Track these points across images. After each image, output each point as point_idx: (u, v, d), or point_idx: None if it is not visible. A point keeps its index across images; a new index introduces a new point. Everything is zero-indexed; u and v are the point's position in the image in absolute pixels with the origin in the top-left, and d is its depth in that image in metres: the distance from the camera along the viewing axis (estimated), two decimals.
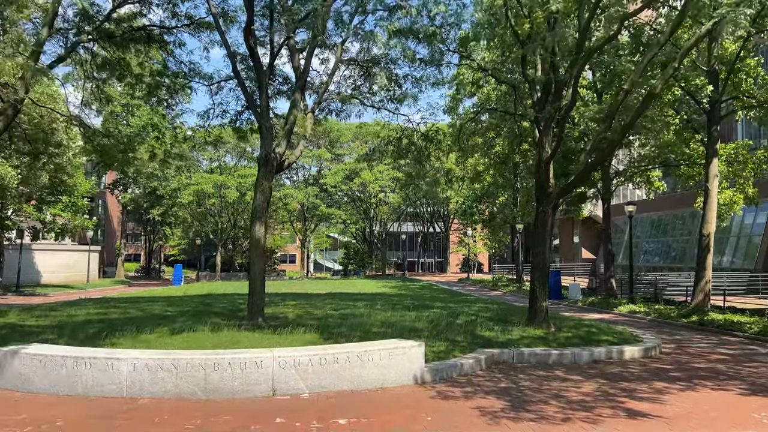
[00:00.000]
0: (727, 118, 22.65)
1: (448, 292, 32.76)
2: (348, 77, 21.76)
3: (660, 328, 18.08)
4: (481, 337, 12.65)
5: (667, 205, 41.76)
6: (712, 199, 20.33)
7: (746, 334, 15.62)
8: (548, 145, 13.94)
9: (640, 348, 12.44)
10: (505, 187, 39.35)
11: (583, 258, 52.80)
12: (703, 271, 20.25)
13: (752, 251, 32.22)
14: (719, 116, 20.50)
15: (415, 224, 76.36)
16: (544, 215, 14.17)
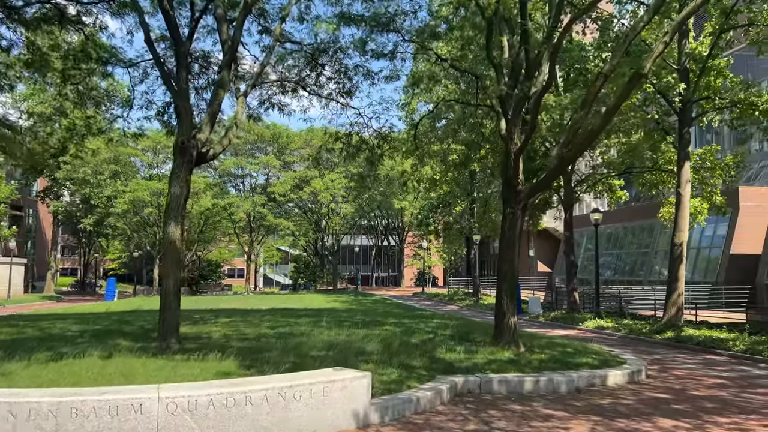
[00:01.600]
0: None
1: (402, 306, 30.70)
2: (292, 67, 19.65)
3: (635, 345, 16.41)
4: (441, 360, 10.55)
5: (624, 218, 40.94)
6: (685, 206, 18.95)
7: (731, 352, 14.06)
8: (517, 136, 12.07)
9: (625, 372, 10.59)
10: (462, 197, 37.71)
11: (539, 271, 51.72)
12: (675, 282, 18.79)
13: (713, 264, 31.39)
14: (691, 117, 19.23)
15: (369, 237, 74.20)
16: (513, 217, 12.26)
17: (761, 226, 29.12)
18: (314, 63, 19.22)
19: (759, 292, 27.72)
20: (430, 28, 17.58)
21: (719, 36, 18.52)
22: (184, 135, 11.34)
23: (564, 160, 11.62)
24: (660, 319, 19.12)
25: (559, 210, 28.65)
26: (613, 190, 27.22)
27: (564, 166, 11.97)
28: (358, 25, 18.25)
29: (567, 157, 11.61)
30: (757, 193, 30.57)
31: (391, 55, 18.54)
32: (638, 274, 37.59)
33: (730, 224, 30.46)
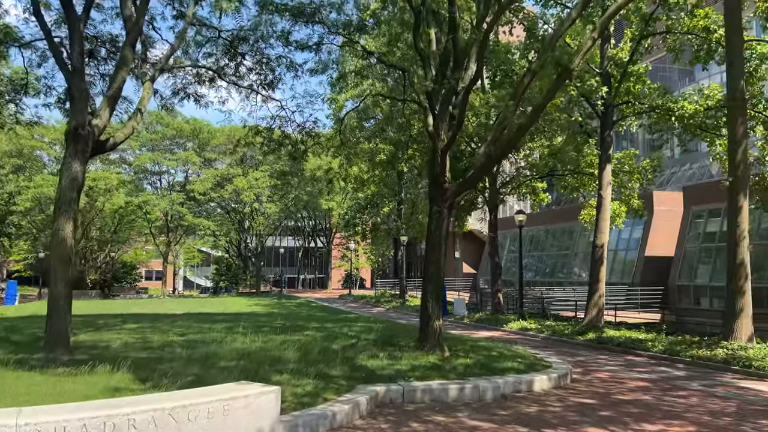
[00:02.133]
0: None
1: (328, 309, 29.86)
2: (209, 55, 18.46)
3: (558, 347, 16.37)
4: (362, 368, 9.86)
5: (546, 221, 41.89)
6: (606, 208, 19.23)
7: (651, 353, 14.18)
8: (444, 132, 11.58)
9: (551, 376, 10.29)
10: (389, 197, 37.30)
11: (464, 273, 52.17)
12: (596, 284, 19.01)
13: (629, 266, 32.48)
14: (612, 120, 19.55)
15: (296, 239, 72.69)
16: (440, 216, 11.76)
17: (673, 229, 30.37)
18: (233, 52, 18.15)
19: (671, 292, 28.85)
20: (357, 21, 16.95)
21: (639, 42, 18.91)
22: (77, 120, 10.09)
23: (491, 158, 11.25)
24: (581, 320, 19.29)
25: (484, 211, 28.72)
26: (536, 193, 27.53)
27: (491, 164, 11.60)
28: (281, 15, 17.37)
29: (494, 155, 11.24)
30: (670, 198, 31.90)
31: (317, 47, 17.77)
32: (559, 275, 38.49)
33: (645, 227, 31.62)
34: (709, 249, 27.68)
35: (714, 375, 11.61)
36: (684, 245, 28.86)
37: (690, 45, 19.00)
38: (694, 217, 28.89)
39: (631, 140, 41.62)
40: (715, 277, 26.71)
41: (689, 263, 28.54)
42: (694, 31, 18.13)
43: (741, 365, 11.75)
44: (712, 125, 19.22)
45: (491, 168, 11.78)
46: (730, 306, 13.55)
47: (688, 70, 39.03)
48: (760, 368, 11.32)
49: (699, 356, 12.87)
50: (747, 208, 13.57)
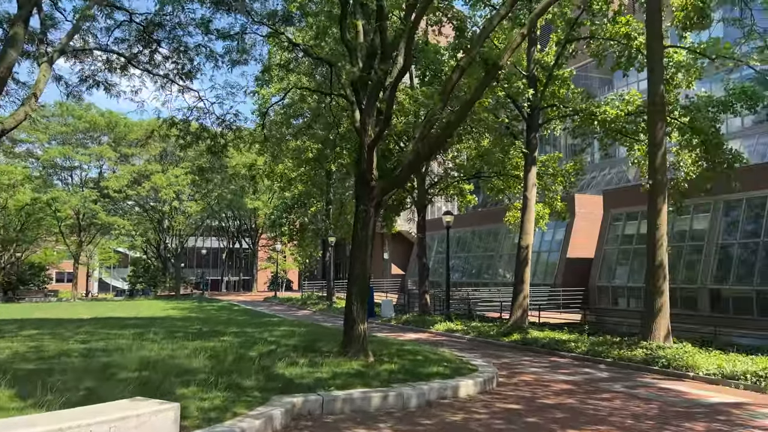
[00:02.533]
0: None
1: (251, 313, 28.77)
2: (122, 41, 17.20)
3: (484, 349, 16.24)
4: (279, 377, 9.19)
5: (473, 222, 42.36)
6: (531, 210, 19.38)
7: (574, 354, 14.25)
8: (372, 128, 11.09)
9: (477, 381, 9.98)
10: (318, 197, 36.50)
11: (392, 274, 52.05)
12: (521, 285, 19.11)
13: (551, 267, 33.22)
14: (538, 123, 19.75)
15: (220, 239, 70.34)
16: (366, 214, 11.25)
17: (593, 231, 31.29)
18: (148, 38, 16.99)
19: (591, 293, 29.67)
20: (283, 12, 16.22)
21: (564, 47, 19.21)
22: None
23: (420, 155, 10.85)
24: (507, 321, 19.34)
25: (413, 212, 28.54)
26: (463, 194, 27.61)
27: (420, 161, 11.22)
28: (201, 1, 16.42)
29: (423, 153, 10.86)
30: (590, 201, 32.89)
31: (239, 36, 16.91)
32: (485, 276, 38.95)
33: (567, 230, 32.42)
34: (626, 251, 28.67)
35: (635, 375, 11.70)
36: (603, 247, 29.78)
37: (612, 51, 19.47)
38: (612, 220, 29.86)
39: (554, 145, 42.78)
40: (633, 278, 27.69)
41: (608, 265, 29.47)
42: (615, 37, 18.58)
43: (660, 365, 11.91)
44: (632, 130, 19.76)
45: (419, 166, 11.42)
46: (649, 306, 13.81)
47: (608, 79, 40.58)
48: (678, 368, 11.50)
49: (620, 356, 13.00)
50: (666, 210, 13.89)
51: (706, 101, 18.26)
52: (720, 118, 18.66)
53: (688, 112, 17.80)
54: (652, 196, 13.78)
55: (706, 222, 25.01)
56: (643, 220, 28.15)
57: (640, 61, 19.00)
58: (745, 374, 10.29)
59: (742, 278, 22.68)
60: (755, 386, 9.94)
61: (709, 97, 18.46)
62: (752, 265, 22.52)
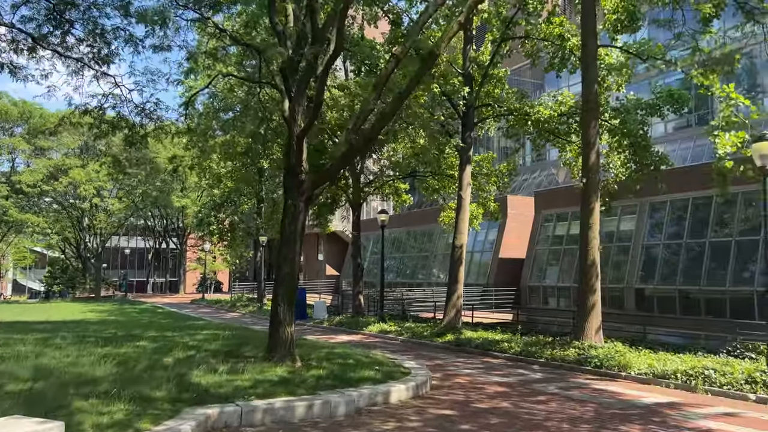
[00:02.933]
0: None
1: (175, 316, 27.32)
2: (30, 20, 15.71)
3: (417, 350, 15.82)
4: (195, 386, 8.37)
5: (408, 222, 42.22)
6: (465, 209, 19.17)
7: (507, 354, 14.04)
8: (301, 117, 10.41)
9: (409, 386, 9.48)
10: (249, 195, 35.22)
11: (327, 275, 51.24)
12: (455, 284, 18.85)
13: (484, 267, 33.43)
14: (473, 122, 19.58)
15: (146, 239, 67.24)
16: (295, 210, 10.56)
17: (525, 232, 31.69)
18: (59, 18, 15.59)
19: (523, 293, 30.00)
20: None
21: (499, 45, 19.13)
22: None
23: (353, 147, 10.26)
24: (440, 322, 19.04)
25: (347, 210, 27.94)
26: (398, 194, 27.24)
27: (353, 154, 10.65)
28: None
29: (356, 145, 10.27)
30: (522, 202, 33.32)
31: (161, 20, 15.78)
32: (419, 277, 38.84)
33: (499, 230, 32.70)
34: (557, 251, 29.15)
35: (569, 376, 11.55)
36: (534, 248, 30.18)
37: (546, 52, 19.56)
38: (543, 221, 30.32)
39: (488, 147, 43.25)
40: (562, 278, 28.16)
41: (539, 265, 29.88)
42: (549, 38, 18.65)
43: (593, 365, 11.82)
44: (564, 131, 19.93)
45: (352, 158, 10.87)
46: (582, 305, 13.77)
47: (539, 83, 41.42)
48: (610, 368, 11.43)
49: (553, 356, 12.87)
50: (598, 209, 13.91)
51: (635, 104, 18.60)
52: (648, 121, 19.06)
53: (618, 114, 18.06)
54: (585, 195, 13.76)
55: (632, 223, 25.70)
56: (573, 221, 28.71)
57: (573, 63, 19.16)
58: (675, 373, 10.29)
59: (666, 278, 23.39)
60: (685, 385, 9.93)
61: (638, 100, 18.81)
62: (675, 265, 23.27)
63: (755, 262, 20.59)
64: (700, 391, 9.63)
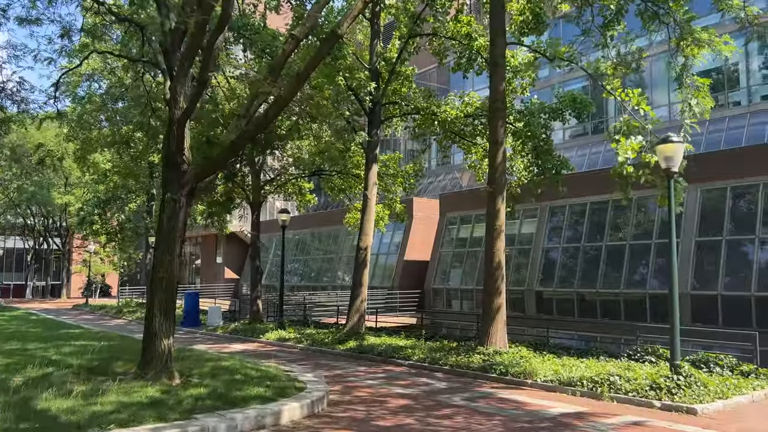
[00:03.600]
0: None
1: (49, 324, 24.50)
2: None
3: (317, 358, 14.80)
4: (40, 414, 6.93)
5: (313, 224, 41.04)
6: (371, 209, 18.40)
7: (411, 361, 13.34)
8: (183, 98, 9.12)
9: (303, 403, 8.48)
10: (138, 192, 32.59)
11: (226, 278, 48.90)
12: (359, 288, 18.02)
13: (389, 270, 32.93)
14: (380, 119, 18.86)
15: (25, 239, 61.29)
16: (174, 205, 9.25)
17: (430, 234, 31.53)
18: None
19: (427, 295, 29.75)
20: None
21: (407, 42, 18.56)
22: None
23: (244, 134, 9.12)
24: (343, 327, 18.12)
25: (245, 209, 26.37)
26: (302, 193, 26.06)
27: (243, 141, 9.50)
28: None
29: (248, 132, 9.14)
30: (427, 204, 33.17)
31: None
32: (324, 280, 37.77)
33: (405, 232, 32.34)
34: (460, 254, 29.14)
35: (474, 385, 10.99)
36: (439, 250, 30.04)
37: (454, 51, 19.21)
38: (448, 224, 30.26)
39: (394, 149, 42.92)
40: (466, 281, 28.15)
41: (443, 267, 29.76)
42: (457, 36, 18.29)
43: (498, 372, 11.34)
44: (470, 132, 19.66)
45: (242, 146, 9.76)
46: (487, 309, 13.35)
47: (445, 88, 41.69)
48: (516, 375, 10.99)
49: (458, 363, 12.30)
50: (504, 211, 13.58)
51: (539, 107, 18.65)
52: (550, 125, 19.19)
53: (522, 116, 18.00)
54: (491, 197, 13.37)
55: (533, 226, 26.08)
56: (477, 223, 28.83)
57: (479, 65, 18.93)
58: (581, 380, 9.97)
59: (565, 281, 23.85)
60: (591, 392, 9.62)
61: (542, 104, 18.87)
62: (573, 268, 23.78)
63: (647, 265, 21.37)
64: (606, 398, 9.33)
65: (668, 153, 9.68)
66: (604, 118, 32.52)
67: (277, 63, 9.39)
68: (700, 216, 20.22)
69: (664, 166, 9.80)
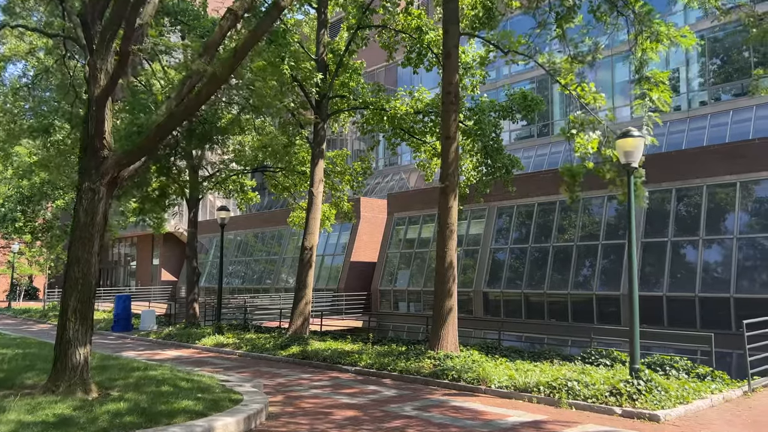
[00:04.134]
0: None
1: None
2: None
3: (257, 365, 13.83)
4: None
5: (256, 224, 39.67)
6: (317, 207, 17.54)
7: (358, 367, 12.58)
8: (104, 74, 8.08)
9: (239, 418, 7.58)
10: (66, 188, 30.44)
11: (163, 281, 46.78)
12: (303, 290, 17.12)
13: (335, 271, 32.05)
14: (327, 113, 18.02)
15: None
16: (93, 196, 8.19)
17: (377, 235, 30.87)
18: None
19: (374, 297, 29.06)
20: None
21: (356, 32, 17.84)
22: None
23: (174, 116, 8.17)
24: (286, 332, 17.17)
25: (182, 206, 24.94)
26: (244, 191, 24.91)
27: (173, 124, 8.53)
28: None
29: (177, 114, 8.17)
30: (375, 204, 32.51)
31: None
32: (266, 282, 36.51)
33: (352, 233, 31.56)
34: (408, 255, 28.59)
35: (425, 392, 10.32)
36: (386, 251, 29.42)
37: (404, 44, 18.62)
38: (396, 224, 29.68)
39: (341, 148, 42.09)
40: (413, 282, 27.62)
41: (390, 269, 29.15)
42: (407, 30, 17.72)
43: (450, 378, 10.72)
44: (420, 130, 19.10)
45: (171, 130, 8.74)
46: (437, 311, 12.72)
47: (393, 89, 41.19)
48: (469, 381, 10.39)
49: (408, 369, 11.62)
50: (456, 208, 13.01)
51: (489, 105, 18.28)
52: (500, 124, 18.85)
53: (473, 114, 17.56)
54: (444, 193, 12.77)
55: (480, 227, 25.80)
56: (425, 224, 28.39)
57: (430, 60, 18.42)
58: (538, 386, 9.45)
59: (512, 282, 23.64)
60: (548, 399, 9.11)
61: (492, 102, 18.51)
62: (520, 269, 23.59)
63: (593, 266, 21.37)
64: (564, 405, 8.84)
65: (628, 148, 9.31)
66: (550, 121, 32.74)
67: (213, 41, 8.46)
68: (646, 218, 20.36)
69: (624, 161, 9.42)
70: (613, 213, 21.66)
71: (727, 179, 18.98)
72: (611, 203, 21.53)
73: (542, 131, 33.04)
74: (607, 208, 21.76)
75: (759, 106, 24.60)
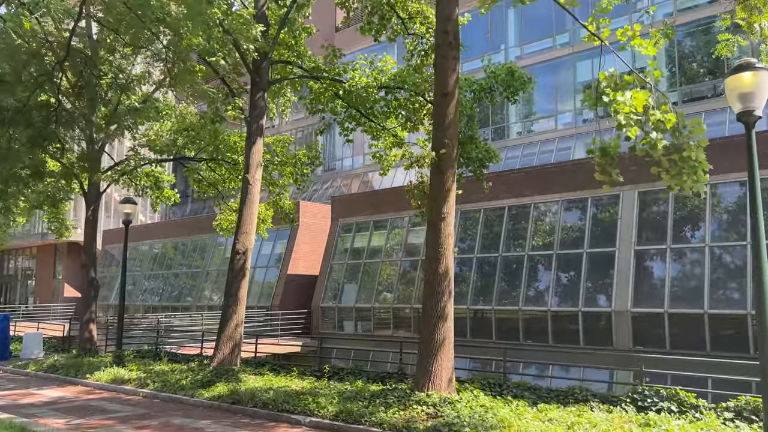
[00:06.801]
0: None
1: None
2: None
3: (167, 414, 9.69)
4: None
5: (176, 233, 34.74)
6: (253, 199, 13.54)
7: (315, 418, 8.73)
8: None
9: None
10: None
11: (66, 297, 40.67)
12: (234, 307, 13.03)
13: (269, 287, 27.74)
14: (267, 80, 14.12)
15: None
16: None
17: (319, 244, 26.99)
18: None
19: (315, 316, 25.08)
20: None
21: None
22: None
23: None
24: (210, 362, 12.98)
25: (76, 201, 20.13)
26: (160, 187, 20.44)
27: None
28: None
29: None
30: (316, 210, 28.58)
31: None
32: (187, 299, 31.61)
33: (289, 241, 27.46)
34: (356, 266, 24.83)
35: None
36: (330, 262, 25.54)
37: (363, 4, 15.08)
38: (342, 231, 25.90)
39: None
40: (361, 298, 23.87)
41: (334, 283, 25.28)
42: None
43: None
44: (382, 111, 15.56)
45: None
46: (427, 337, 9.08)
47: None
48: None
49: (393, 424, 7.90)
50: (455, 190, 9.53)
51: (465, 83, 14.98)
52: (476, 107, 15.61)
53: None
54: (438, 168, 9.25)
55: None
56: (375, 231, 24.79)
57: (394, 27, 15.00)
58: None
59: (480, 297, 20.40)
60: None
61: (468, 79, 15.24)
62: (491, 282, 20.38)
63: (578, 279, 18.41)
64: None
65: (746, 88, 6.12)
66: (505, 123, 30.13)
67: None
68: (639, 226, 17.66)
69: (740, 108, 6.21)
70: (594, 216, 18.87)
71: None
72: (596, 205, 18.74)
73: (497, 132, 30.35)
74: (591, 211, 18.96)
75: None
